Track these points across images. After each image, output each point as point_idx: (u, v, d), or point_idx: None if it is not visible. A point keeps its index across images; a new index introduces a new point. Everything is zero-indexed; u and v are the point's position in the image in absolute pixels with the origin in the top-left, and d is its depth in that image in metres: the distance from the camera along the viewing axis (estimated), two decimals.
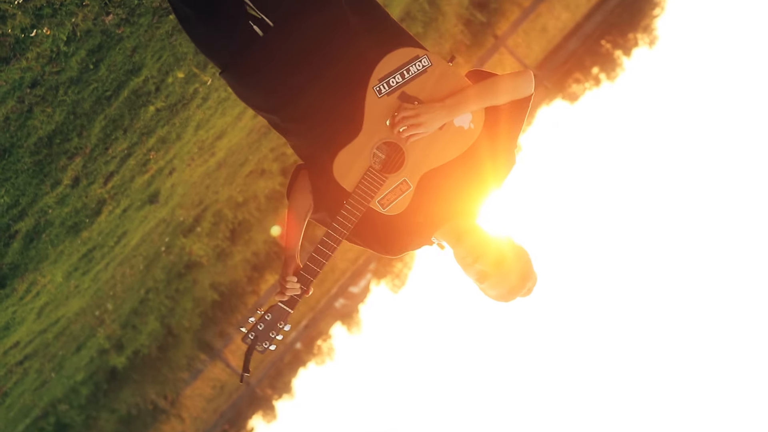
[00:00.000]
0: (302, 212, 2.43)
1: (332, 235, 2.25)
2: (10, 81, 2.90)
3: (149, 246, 6.92)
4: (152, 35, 3.62)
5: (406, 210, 2.29)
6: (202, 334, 11.10)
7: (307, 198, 2.42)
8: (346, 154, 2.23)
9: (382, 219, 2.32)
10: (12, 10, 2.59)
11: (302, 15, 2.26)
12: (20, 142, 3.30)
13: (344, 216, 2.24)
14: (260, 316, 2.26)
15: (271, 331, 2.27)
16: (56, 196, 3.90)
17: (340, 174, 2.24)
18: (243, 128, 6.34)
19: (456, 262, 2.38)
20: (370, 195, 2.24)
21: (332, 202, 2.32)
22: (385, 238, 2.40)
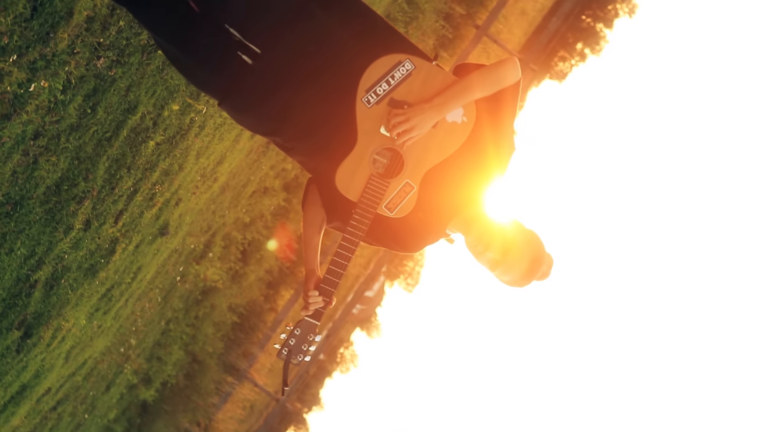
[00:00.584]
0: (316, 225, 2.49)
1: (346, 245, 2.30)
2: (13, 136, 2.97)
3: (165, 277, 6.99)
4: (144, 72, 3.69)
5: (413, 209, 2.34)
6: (226, 357, 11.17)
7: (320, 211, 2.48)
8: (346, 167, 2.29)
9: (394, 220, 2.37)
10: (8, 67, 2.66)
11: (286, 37, 2.31)
12: (30, 194, 3.37)
13: (354, 226, 2.30)
14: (290, 332, 2.32)
15: (303, 344, 2.33)
16: (70, 241, 3.97)
17: (343, 187, 2.30)
18: (241, 150, 6.41)
19: (468, 250, 2.44)
20: (375, 202, 2.30)
21: (342, 213, 2.39)
22: (400, 238, 2.46)
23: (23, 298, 3.89)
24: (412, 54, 2.30)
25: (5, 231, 3.37)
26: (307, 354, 2.35)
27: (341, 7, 2.39)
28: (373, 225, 2.34)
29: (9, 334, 3.95)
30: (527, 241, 2.37)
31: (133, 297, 6.07)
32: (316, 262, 2.47)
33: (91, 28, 3.03)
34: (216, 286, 8.90)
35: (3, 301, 3.72)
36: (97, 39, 3.12)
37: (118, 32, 3.25)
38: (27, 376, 4.53)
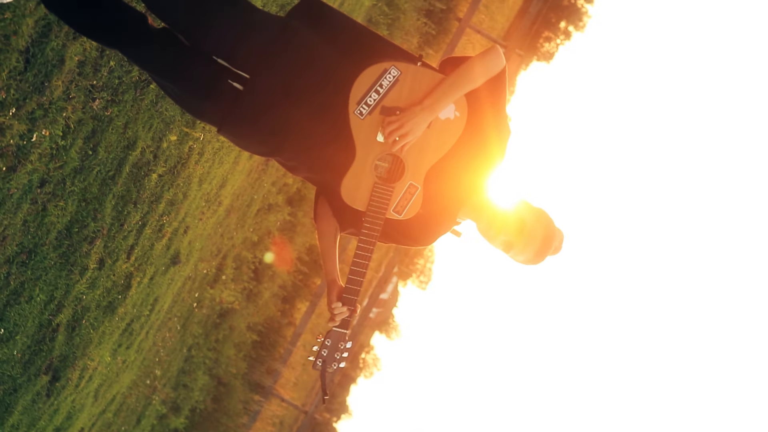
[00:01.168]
0: (331, 236, 2.55)
1: (362, 253, 2.36)
2: (20, 186, 3.02)
3: (181, 305, 7.05)
4: (139, 108, 3.74)
5: (421, 208, 2.39)
6: (250, 376, 11.22)
7: (331, 221, 2.54)
8: (350, 180, 2.34)
9: (404, 221, 2.43)
10: (8, 121, 2.71)
11: (272, 61, 2.36)
12: (42, 240, 3.42)
13: (367, 234, 2.35)
14: (321, 344, 2.37)
15: (335, 353, 2.38)
16: (86, 281, 4.02)
17: (349, 199, 2.35)
18: (242, 171, 6.46)
19: (480, 236, 2.49)
20: (383, 208, 2.34)
21: (353, 221, 2.46)
22: (413, 235, 2.52)
23: (47, 343, 3.95)
24: (397, 59, 2.34)
25: (23, 280, 3.42)
26: (341, 361, 2.41)
27: (324, 23, 2.44)
28: (385, 227, 2.40)
29: (38, 380, 4.00)
30: (537, 219, 2.42)
31: (153, 328, 6.12)
32: (336, 272, 2.52)
33: (83, 72, 3.09)
34: (232, 307, 8.96)
35: (28, 348, 3.77)
36: (90, 82, 3.17)
37: (109, 72, 3.30)
38: (59, 419, 4.58)
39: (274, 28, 2.39)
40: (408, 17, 9.97)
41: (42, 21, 2.65)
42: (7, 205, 2.98)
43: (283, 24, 2.40)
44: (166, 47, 2.47)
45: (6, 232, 3.08)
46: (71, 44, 2.88)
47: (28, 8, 2.53)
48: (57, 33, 2.75)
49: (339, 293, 2.42)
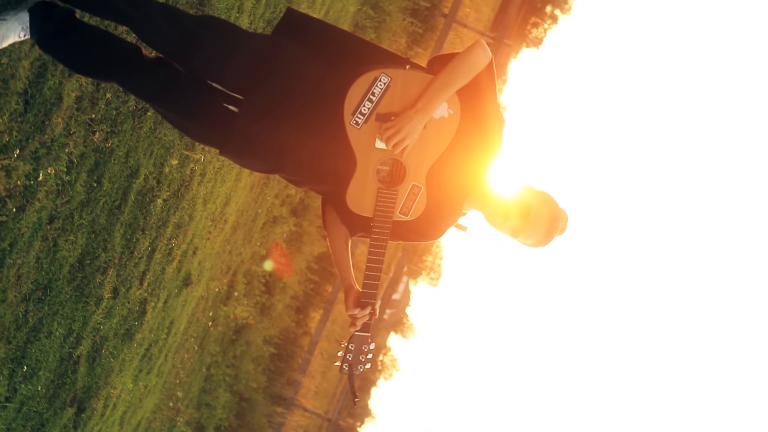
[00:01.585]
0: (342, 242, 2.61)
1: (374, 257, 2.41)
2: (30, 225, 3.07)
3: (197, 325, 7.09)
4: (138, 136, 3.79)
5: (426, 206, 2.45)
6: (271, 389, 11.26)
7: (341, 228, 2.59)
8: (354, 188, 2.39)
9: (412, 220, 2.48)
10: (13, 162, 2.76)
11: (263, 81, 2.40)
12: (56, 276, 3.47)
13: (376, 238, 2.40)
14: (346, 348, 2.43)
15: (359, 355, 2.44)
16: (102, 311, 4.07)
17: (355, 206, 2.40)
18: (244, 187, 6.51)
19: (488, 224, 2.55)
20: (389, 212, 2.39)
21: (362, 227, 2.53)
22: (422, 232, 2.58)
23: (70, 376, 3.99)
24: (386, 66, 2.39)
25: (41, 316, 3.47)
26: (366, 363, 2.46)
27: (310, 36, 2.48)
28: (394, 228, 2.45)
29: (64, 413, 4.05)
30: (542, 202, 2.47)
31: (171, 351, 6.17)
32: (352, 277, 2.57)
33: (81, 106, 3.13)
34: (247, 322, 9.00)
35: (52, 382, 3.82)
36: (88, 116, 3.22)
37: (106, 104, 3.35)
38: None
39: (262, 48, 2.43)
40: (394, 18, 10.01)
41: (37, 62, 2.70)
42: (20, 245, 3.03)
43: (271, 42, 2.45)
44: (161, 76, 2.52)
45: (20, 271, 3.13)
46: (67, 81, 2.93)
47: (23, 51, 2.58)
48: (53, 72, 2.80)
49: (357, 298, 2.47)
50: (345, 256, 2.61)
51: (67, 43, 2.49)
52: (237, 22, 4.62)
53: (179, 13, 2.53)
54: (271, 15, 5.30)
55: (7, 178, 2.76)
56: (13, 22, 2.38)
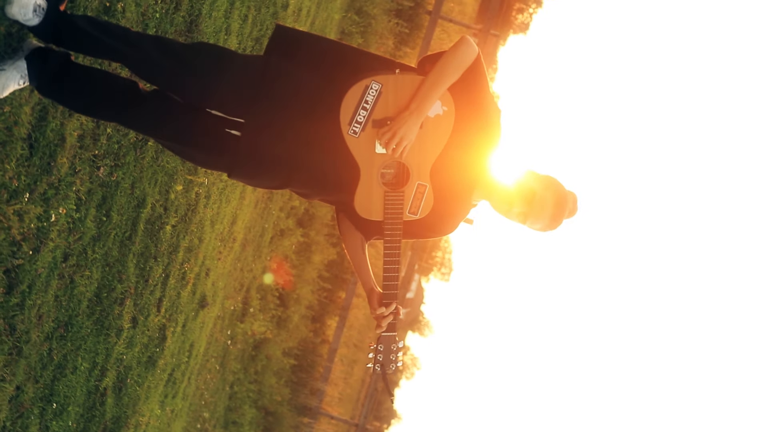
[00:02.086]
0: (359, 248, 2.67)
1: (390, 259, 2.48)
2: (46, 265, 3.13)
3: (216, 345, 7.15)
4: (141, 166, 3.85)
5: (435, 203, 2.50)
6: (296, 401, 11.32)
7: (356, 234, 2.66)
8: (361, 195, 2.45)
9: (422, 218, 2.53)
10: (25, 207, 2.82)
11: (261, 102, 2.46)
12: (76, 311, 3.53)
13: (389, 239, 2.47)
14: (375, 350, 2.51)
15: (389, 354, 2.51)
16: (124, 341, 4.13)
17: (364, 212, 2.47)
18: (249, 204, 6.57)
19: (496, 212, 2.60)
20: (399, 213, 2.46)
21: (375, 231, 2.59)
22: (434, 228, 2.64)
23: (98, 408, 4.05)
24: (377, 72, 2.44)
25: (65, 352, 3.53)
26: (396, 361, 2.53)
27: (300, 51, 2.54)
28: (406, 227, 2.51)
29: None
30: (546, 186, 2.52)
31: (194, 373, 6.23)
32: (372, 280, 2.64)
33: (84, 144, 3.19)
34: (265, 337, 9.06)
35: (82, 416, 3.88)
36: (92, 152, 3.28)
37: (108, 139, 3.41)
38: None
39: (255, 70, 2.49)
40: (379, 21, 10.07)
41: (38, 106, 2.76)
42: (38, 285, 3.09)
43: (263, 62, 2.50)
44: (160, 108, 2.58)
45: (41, 310, 3.19)
46: (68, 121, 2.99)
47: (23, 97, 2.64)
48: (54, 114, 2.86)
49: (379, 299, 2.53)
50: (363, 261, 2.67)
51: (65, 86, 2.55)
52: (226, 43, 4.67)
53: (171, 43, 2.59)
54: (259, 33, 5.36)
55: (20, 222, 2.82)
56: (12, 71, 2.44)
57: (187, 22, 4.01)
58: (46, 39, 2.52)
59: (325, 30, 8.10)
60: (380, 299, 2.52)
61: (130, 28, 3.19)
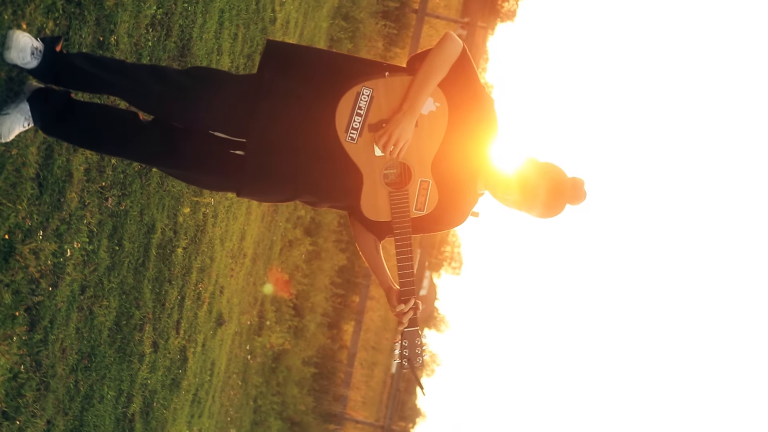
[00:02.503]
0: (373, 249, 2.74)
1: (403, 256, 2.54)
2: (65, 299, 3.19)
3: (236, 361, 7.21)
4: (148, 193, 3.91)
5: (440, 197, 2.56)
6: (320, 408, 11.37)
7: (369, 236, 2.72)
8: (366, 199, 2.52)
9: (430, 213, 2.59)
10: (40, 244, 2.88)
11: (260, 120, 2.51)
12: (97, 341, 3.59)
13: (400, 237, 2.54)
14: (400, 346, 2.58)
15: (415, 348, 2.58)
16: (147, 366, 4.19)
17: (372, 214, 2.54)
18: (256, 219, 6.63)
19: (497, 202, 2.67)
20: (405, 211, 2.53)
21: (387, 230, 2.65)
22: (444, 221, 2.70)
23: None
24: (366, 78, 2.50)
25: (90, 383, 3.58)
26: (423, 354, 2.59)
27: (292, 65, 2.59)
28: (416, 223, 2.58)
29: None
30: (541, 174, 2.56)
31: (218, 391, 6.28)
32: (389, 279, 2.69)
33: (91, 177, 3.25)
34: (284, 348, 9.11)
35: None
36: (99, 184, 3.33)
37: (113, 170, 3.46)
38: None
39: (249, 88, 2.54)
40: (367, 25, 10.12)
41: (43, 146, 2.81)
42: (59, 320, 3.15)
43: (258, 80, 2.56)
44: (162, 136, 2.64)
45: (64, 344, 3.25)
46: (74, 157, 3.04)
47: (28, 138, 2.70)
48: (59, 152, 2.91)
49: (398, 297, 2.59)
50: (378, 261, 2.73)
51: (68, 124, 2.61)
52: (218, 63, 4.73)
53: (166, 71, 2.64)
54: (250, 49, 5.41)
55: (36, 260, 2.88)
56: (16, 114, 2.49)
57: (179, 47, 4.06)
58: (45, 80, 2.58)
59: (314, 39, 8.15)
60: (399, 296, 2.59)
61: (125, 60, 3.25)
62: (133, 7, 3.37)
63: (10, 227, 2.67)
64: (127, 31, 3.34)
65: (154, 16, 3.64)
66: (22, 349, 2.89)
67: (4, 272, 2.68)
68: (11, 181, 2.64)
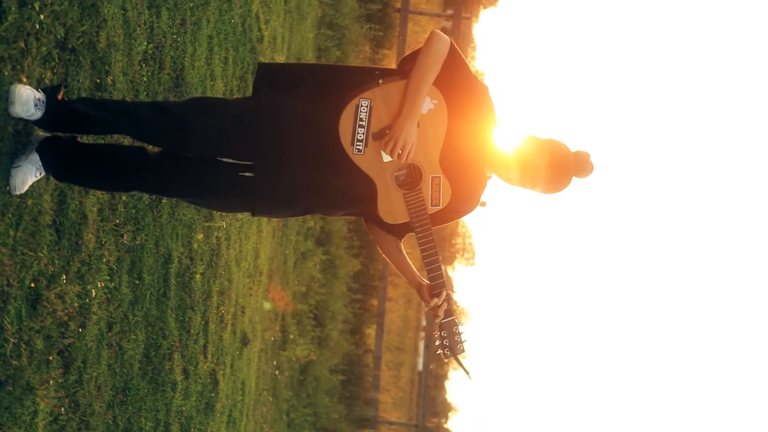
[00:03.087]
0: (395, 250, 2.82)
1: (427, 251, 2.61)
2: (94, 338, 3.26)
3: (265, 378, 7.28)
4: (161, 224, 3.98)
5: (453, 189, 2.64)
6: (353, 415, 11.44)
7: (389, 238, 2.80)
8: (382, 204, 2.61)
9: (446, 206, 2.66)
10: (64, 288, 2.95)
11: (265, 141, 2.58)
12: (130, 375, 3.66)
13: (421, 234, 2.61)
14: (440, 337, 2.67)
15: (454, 337, 2.67)
16: (180, 394, 4.26)
17: (391, 218, 2.63)
18: (267, 236, 6.70)
19: (500, 181, 2.75)
20: (422, 209, 2.61)
21: (406, 229, 2.74)
22: (460, 209, 2.78)
23: None
24: (361, 90, 2.57)
25: (128, 416, 3.65)
26: (462, 342, 2.67)
27: (286, 84, 2.66)
28: (434, 217, 2.66)
29: None
30: (541, 151, 2.63)
31: (250, 409, 6.36)
32: (417, 276, 2.77)
33: (104, 216, 3.32)
34: (309, 359, 9.18)
35: None
36: (113, 223, 3.40)
37: (125, 207, 3.53)
38: None
39: (250, 111, 2.61)
40: (352, 30, 10.18)
41: (55, 192, 2.88)
42: (91, 359, 3.22)
43: (255, 102, 2.62)
44: (171, 167, 2.70)
45: (98, 382, 3.32)
46: (86, 199, 3.11)
47: (41, 187, 2.77)
48: (72, 196, 2.98)
49: (429, 291, 2.66)
50: (404, 261, 2.81)
51: (78, 168, 2.68)
52: (212, 89, 4.80)
53: (167, 105, 2.72)
54: (242, 71, 5.48)
55: (63, 304, 2.95)
56: (27, 165, 2.56)
57: (173, 78, 4.13)
58: (51, 129, 2.65)
59: (302, 51, 8.22)
60: (430, 291, 2.66)
61: (125, 99, 3.32)
62: (125, 46, 3.44)
63: (34, 275, 2.74)
64: (122, 70, 3.40)
65: (146, 51, 3.71)
66: (60, 392, 2.96)
67: (34, 319, 2.75)
68: (30, 231, 2.71)
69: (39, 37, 2.68)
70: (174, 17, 4.09)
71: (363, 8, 10.77)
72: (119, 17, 3.36)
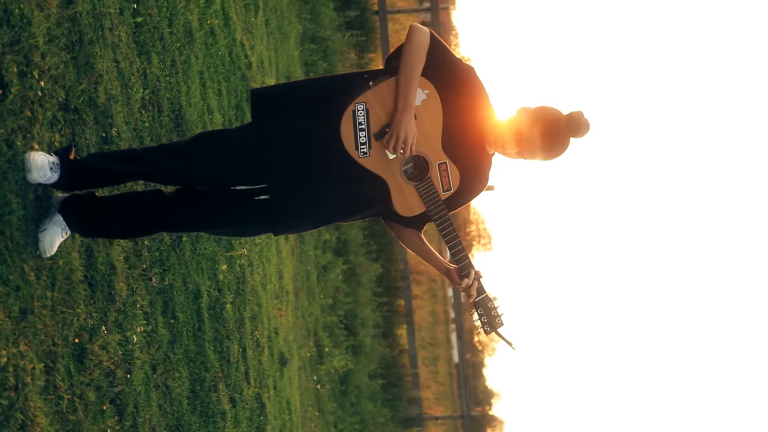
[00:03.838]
0: (417, 241, 2.91)
1: (448, 235, 2.71)
2: (141, 381, 3.35)
3: (308, 394, 7.37)
4: (185, 262, 4.07)
5: (461, 172, 2.74)
6: (398, 416, 11.52)
7: (409, 232, 2.90)
8: (397, 200, 2.71)
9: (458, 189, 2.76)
10: (106, 339, 3.03)
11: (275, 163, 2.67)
12: (180, 412, 3.75)
13: (439, 220, 2.71)
14: (478, 316, 2.77)
15: (491, 312, 2.77)
16: (231, 422, 4.35)
17: (407, 212, 2.73)
18: (287, 256, 6.79)
19: (505, 158, 2.83)
20: (436, 196, 2.71)
21: (423, 219, 2.83)
22: (472, 189, 2.88)
23: None
24: (354, 95, 2.67)
25: None
26: (499, 315, 2.76)
27: (282, 104, 2.75)
28: (449, 201, 2.75)
29: None
30: (533, 120, 2.70)
31: (299, 427, 6.45)
32: (444, 261, 2.87)
33: (131, 263, 3.41)
34: (347, 369, 9.27)
35: None
36: (140, 268, 3.50)
37: (149, 251, 3.63)
38: None
39: (254, 138, 2.70)
40: (334, 40, 10.27)
41: (82, 248, 2.97)
42: (141, 402, 3.31)
43: (258, 129, 2.71)
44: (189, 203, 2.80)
45: (152, 423, 3.41)
46: (111, 250, 3.20)
47: (68, 245, 2.86)
48: (98, 249, 3.07)
49: (457, 273, 2.76)
50: (427, 250, 2.90)
51: (101, 222, 2.77)
52: (211, 122, 4.89)
53: (174, 146, 2.81)
54: (236, 100, 5.57)
55: (107, 354, 3.04)
56: (53, 227, 2.65)
57: (173, 118, 4.22)
58: (69, 188, 2.74)
59: (290, 69, 8.30)
60: (458, 273, 2.75)
61: (132, 147, 3.41)
62: (123, 96, 3.53)
63: (76, 331, 2.83)
64: (124, 120, 3.49)
65: (143, 98, 3.80)
66: None
67: (83, 373, 2.84)
68: (65, 289, 2.80)
69: (42, 103, 2.77)
70: (164, 60, 4.18)
71: (342, 17, 10.86)
72: (113, 70, 3.45)
